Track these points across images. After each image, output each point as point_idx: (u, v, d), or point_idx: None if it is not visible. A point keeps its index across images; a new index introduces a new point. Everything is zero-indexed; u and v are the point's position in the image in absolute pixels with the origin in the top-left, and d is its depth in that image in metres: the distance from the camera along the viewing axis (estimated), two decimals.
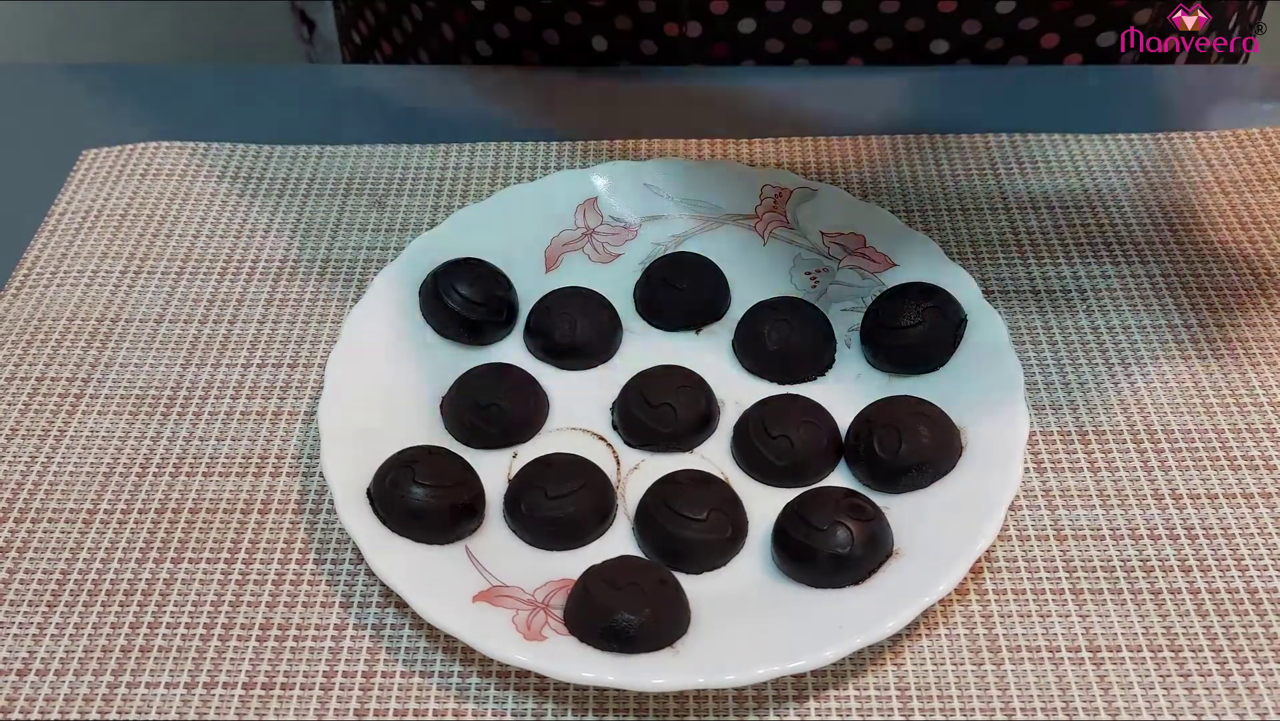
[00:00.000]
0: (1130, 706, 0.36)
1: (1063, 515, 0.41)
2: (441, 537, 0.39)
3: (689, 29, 0.61)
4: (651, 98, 0.60)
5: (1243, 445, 0.43)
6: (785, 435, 0.41)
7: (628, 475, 0.42)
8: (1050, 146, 0.55)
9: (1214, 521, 0.41)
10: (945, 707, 0.37)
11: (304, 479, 0.43)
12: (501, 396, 0.43)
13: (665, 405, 0.42)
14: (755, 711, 0.37)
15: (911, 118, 0.57)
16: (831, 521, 0.38)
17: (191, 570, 0.40)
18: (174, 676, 0.38)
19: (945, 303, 0.44)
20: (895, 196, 0.53)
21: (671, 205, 0.51)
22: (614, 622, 0.36)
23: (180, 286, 0.50)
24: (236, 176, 0.55)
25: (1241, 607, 0.39)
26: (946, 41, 0.61)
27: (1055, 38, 0.61)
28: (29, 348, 0.48)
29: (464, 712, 0.37)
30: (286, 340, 0.48)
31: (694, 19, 0.60)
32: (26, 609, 0.40)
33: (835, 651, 0.35)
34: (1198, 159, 0.55)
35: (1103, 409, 0.45)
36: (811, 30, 0.60)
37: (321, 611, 0.39)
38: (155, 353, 0.47)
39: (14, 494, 0.43)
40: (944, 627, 0.38)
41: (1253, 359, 0.46)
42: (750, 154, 0.56)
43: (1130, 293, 0.49)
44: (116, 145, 0.57)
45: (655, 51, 0.62)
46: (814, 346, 0.45)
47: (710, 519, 0.39)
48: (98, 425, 0.45)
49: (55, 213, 0.53)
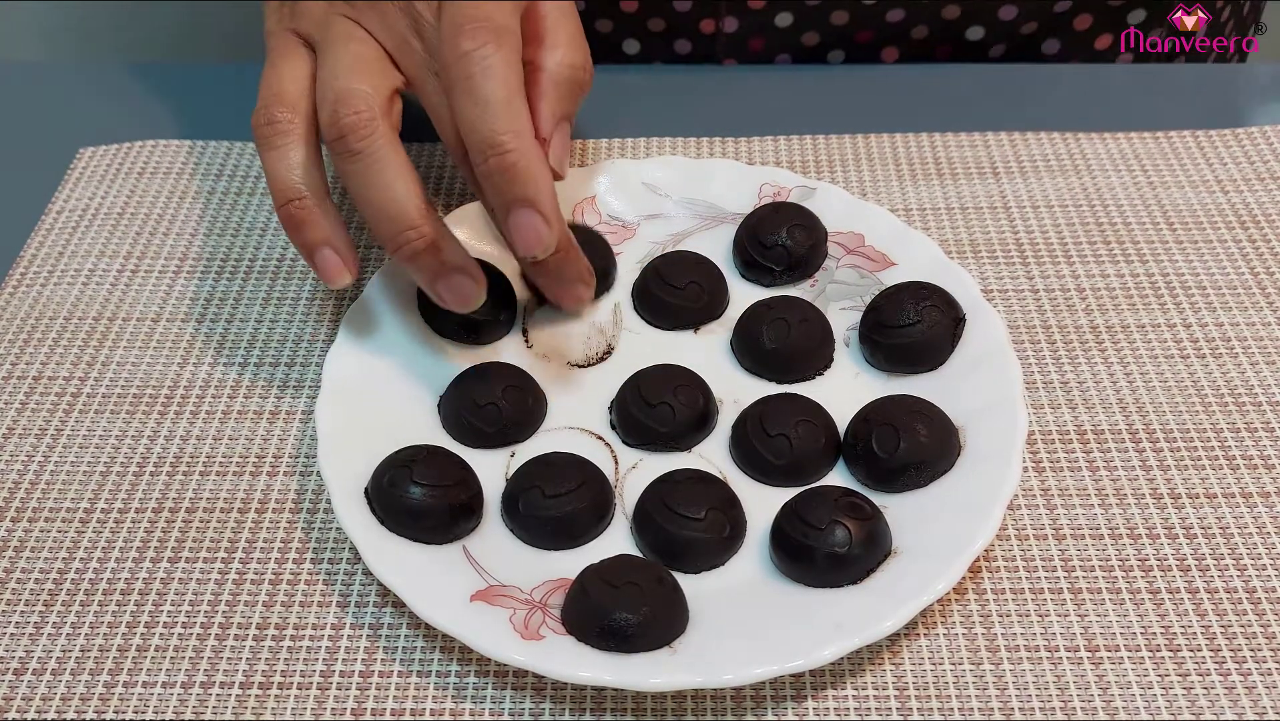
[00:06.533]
0: (1129, 706, 0.36)
1: (1061, 514, 0.41)
2: (439, 537, 0.39)
3: (726, 24, 0.61)
4: (651, 97, 0.60)
5: (1241, 445, 0.43)
6: (783, 434, 0.41)
7: (626, 474, 0.42)
8: (1050, 146, 0.55)
9: (1213, 521, 0.41)
10: (944, 707, 0.36)
11: (301, 478, 0.43)
12: (500, 396, 0.43)
13: (663, 404, 0.42)
14: (753, 711, 0.37)
15: (911, 117, 0.57)
16: (830, 521, 0.38)
17: (189, 569, 0.40)
18: (171, 675, 0.38)
19: (944, 302, 0.44)
20: (895, 196, 0.53)
21: (670, 204, 0.51)
22: (612, 622, 0.36)
23: (178, 285, 0.50)
24: (234, 175, 0.55)
25: (1240, 607, 0.39)
26: (982, 28, 0.61)
27: (1089, 19, 0.61)
28: (26, 346, 0.48)
29: (461, 712, 0.37)
30: (284, 339, 0.48)
31: (731, 15, 0.60)
32: (24, 607, 0.39)
33: (833, 651, 0.35)
34: (1198, 159, 0.55)
35: (1101, 408, 0.45)
36: (848, 21, 0.60)
37: (319, 610, 0.39)
38: (152, 351, 0.47)
39: (11, 492, 0.43)
40: (942, 627, 0.38)
41: (1252, 358, 0.46)
42: (749, 153, 0.56)
43: (1130, 292, 0.49)
44: (113, 143, 0.56)
45: (690, 50, 0.62)
46: (812, 345, 0.45)
47: (708, 518, 0.39)
48: (95, 424, 0.45)
49: (52, 211, 0.53)
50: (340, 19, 0.43)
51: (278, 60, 0.44)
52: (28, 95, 0.61)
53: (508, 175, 0.39)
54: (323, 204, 0.42)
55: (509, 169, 0.39)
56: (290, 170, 0.42)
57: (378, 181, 0.40)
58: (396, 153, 0.41)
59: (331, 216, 0.42)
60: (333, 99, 0.41)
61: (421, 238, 0.40)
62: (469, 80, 0.39)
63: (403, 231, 0.40)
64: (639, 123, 0.57)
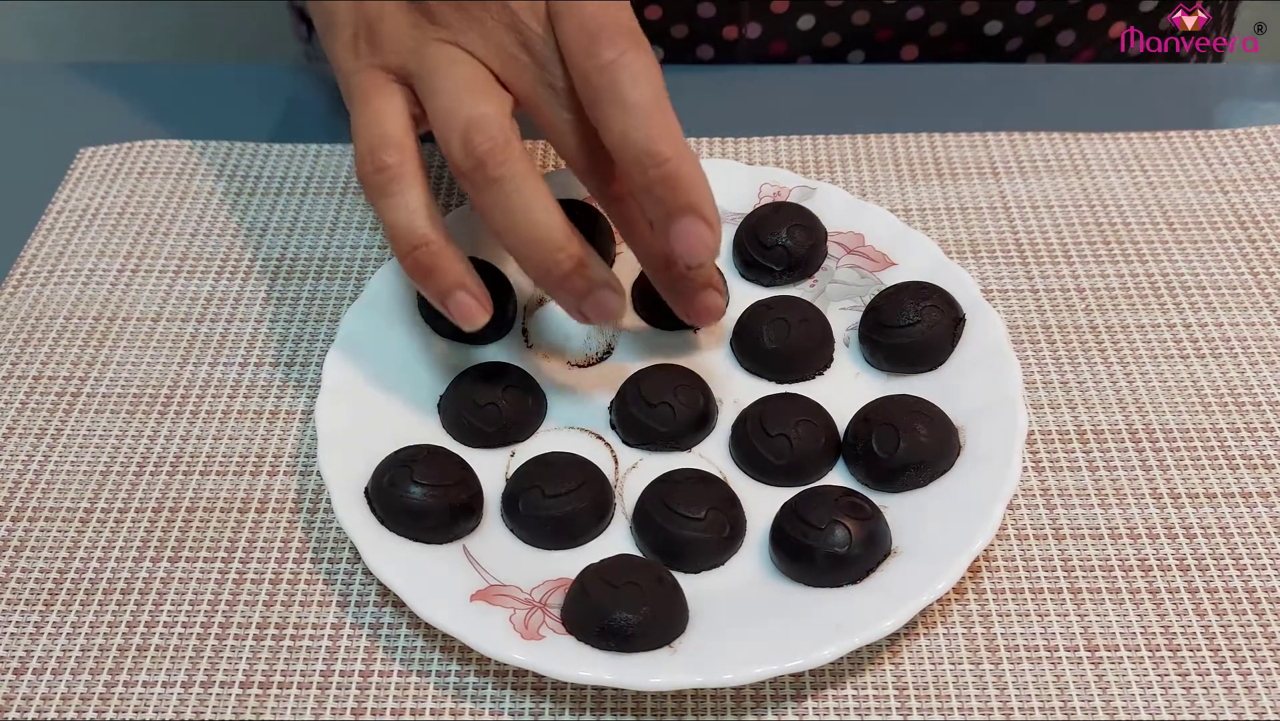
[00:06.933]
0: (1128, 706, 0.36)
1: (1061, 514, 0.41)
2: (439, 537, 0.39)
3: (749, 30, 0.61)
4: None
5: (1241, 444, 0.43)
6: (783, 434, 0.41)
7: (626, 474, 0.42)
8: (1050, 146, 0.55)
9: (1212, 521, 0.41)
10: (943, 707, 0.36)
11: (301, 478, 0.43)
12: (500, 395, 0.43)
13: (663, 404, 0.42)
14: (753, 711, 0.37)
15: (912, 117, 0.57)
16: (830, 520, 0.38)
17: (189, 569, 0.40)
18: (171, 675, 0.38)
19: (944, 302, 0.44)
20: (895, 196, 0.53)
21: None
22: (612, 621, 0.36)
23: (178, 285, 0.50)
24: (234, 175, 0.55)
25: (1240, 607, 0.39)
26: (1000, 22, 0.62)
27: (1102, 9, 0.62)
28: (26, 346, 0.48)
29: (461, 712, 0.37)
30: (284, 339, 0.48)
31: (754, 20, 0.61)
32: (24, 607, 0.40)
33: (833, 650, 0.35)
34: (1197, 159, 0.55)
35: (1101, 408, 0.45)
36: (869, 21, 0.61)
37: (319, 610, 0.39)
38: (153, 351, 0.47)
39: (11, 492, 0.43)
40: (942, 627, 0.38)
41: (1252, 359, 0.46)
42: (749, 153, 0.56)
43: (1130, 292, 0.49)
44: (114, 143, 0.56)
45: (712, 56, 0.62)
46: (812, 345, 0.45)
47: (708, 518, 0.39)
48: (95, 423, 0.45)
49: (52, 210, 0.53)
50: (436, 44, 0.41)
51: (371, 99, 0.41)
52: (29, 95, 0.61)
53: (670, 184, 0.37)
54: (448, 246, 0.40)
55: (670, 177, 0.37)
56: (411, 216, 0.39)
57: (521, 207, 0.39)
58: (534, 174, 0.39)
59: (458, 257, 0.40)
60: (463, 127, 0.39)
61: (571, 258, 0.39)
62: (616, 89, 0.37)
63: (552, 255, 0.39)
64: None
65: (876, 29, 0.61)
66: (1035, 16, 0.62)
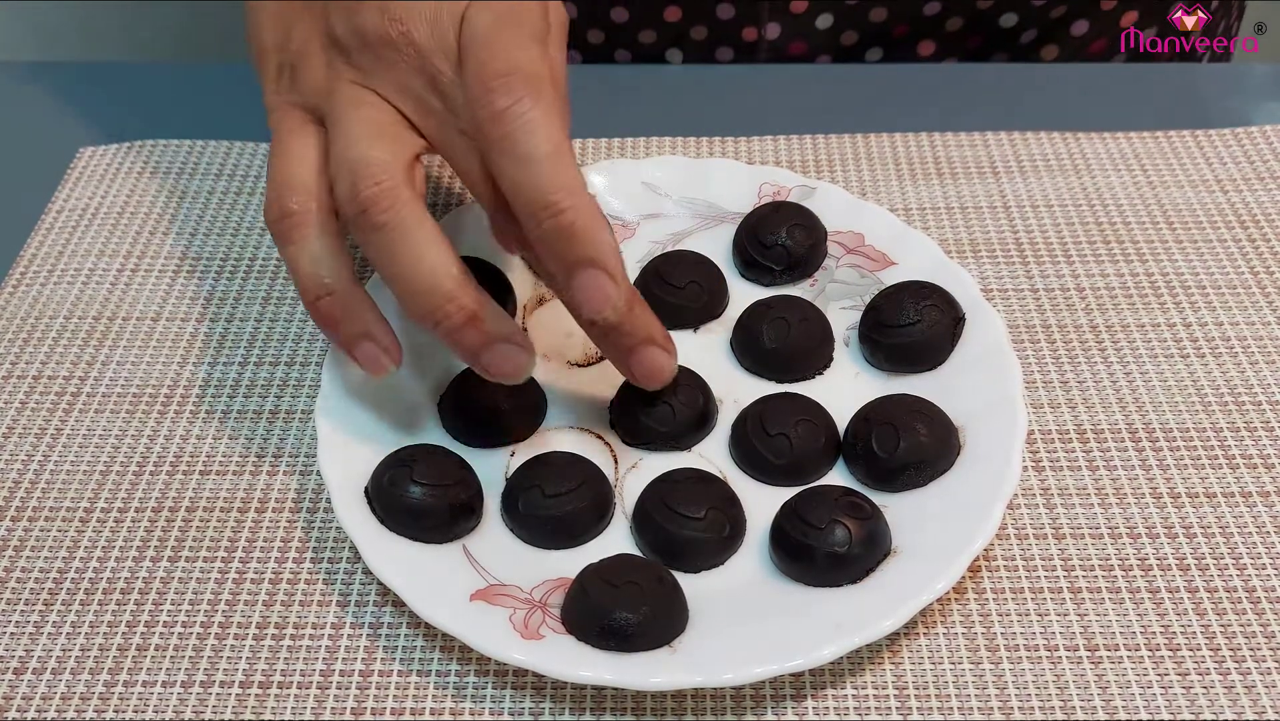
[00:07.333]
0: (1128, 705, 0.36)
1: (1061, 514, 0.41)
2: (439, 536, 0.39)
3: (768, 31, 0.61)
4: (650, 97, 0.60)
5: (1241, 444, 0.43)
6: (783, 434, 0.41)
7: (625, 474, 0.42)
8: (1050, 146, 0.55)
9: (1212, 520, 0.41)
10: (943, 707, 0.36)
11: (301, 477, 0.43)
12: (499, 395, 0.43)
13: (663, 404, 0.42)
14: (753, 710, 0.37)
15: (912, 117, 0.57)
16: (829, 520, 0.38)
17: (189, 568, 0.40)
18: (171, 675, 0.38)
19: (944, 301, 0.44)
20: (894, 196, 0.53)
21: (670, 204, 0.51)
22: (612, 621, 0.36)
23: (177, 284, 0.50)
24: (234, 174, 0.55)
25: (1240, 607, 0.39)
26: (1015, 14, 0.62)
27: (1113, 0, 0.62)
28: (25, 345, 0.48)
29: (461, 711, 0.37)
30: (284, 338, 0.48)
31: (773, 20, 0.61)
32: (24, 607, 0.40)
33: (833, 650, 0.35)
34: (1197, 159, 0.55)
35: (1101, 408, 0.45)
36: (886, 18, 0.61)
37: (319, 610, 0.39)
38: (152, 350, 0.47)
39: (11, 492, 0.43)
40: (942, 626, 0.38)
41: (1252, 358, 0.46)
42: (749, 153, 0.56)
43: (1130, 292, 0.49)
44: (114, 143, 0.56)
45: (731, 57, 0.62)
46: (812, 345, 0.45)
47: (708, 517, 0.39)
48: (95, 423, 0.45)
49: (52, 210, 0.53)
50: (347, 85, 0.40)
51: (285, 141, 0.40)
52: (29, 94, 0.61)
53: (565, 236, 0.36)
54: (353, 294, 0.39)
55: (566, 229, 0.36)
56: (315, 264, 0.39)
57: (406, 255, 0.37)
58: (424, 221, 0.37)
59: (365, 305, 0.39)
60: (349, 172, 0.38)
61: (461, 310, 0.37)
62: (508, 140, 0.36)
63: (440, 306, 0.37)
64: (639, 122, 0.57)
65: (894, 25, 0.61)
66: (1049, 8, 0.62)
